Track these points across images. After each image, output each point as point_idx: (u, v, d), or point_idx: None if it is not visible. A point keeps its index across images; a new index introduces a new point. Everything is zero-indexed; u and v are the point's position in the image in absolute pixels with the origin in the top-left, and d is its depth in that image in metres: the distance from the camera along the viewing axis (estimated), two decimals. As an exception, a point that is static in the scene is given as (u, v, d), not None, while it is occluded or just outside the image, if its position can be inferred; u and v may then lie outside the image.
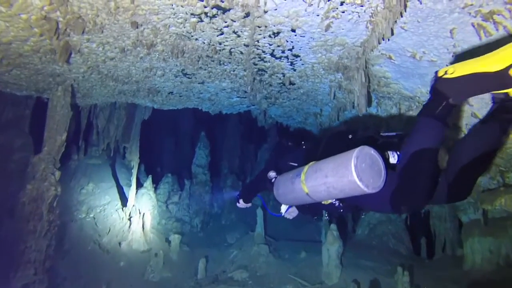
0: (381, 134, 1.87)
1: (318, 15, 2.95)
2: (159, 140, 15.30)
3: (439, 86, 1.47)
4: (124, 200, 8.07)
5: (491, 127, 1.58)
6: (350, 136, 1.87)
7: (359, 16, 2.89)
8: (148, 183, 8.76)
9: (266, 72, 4.66)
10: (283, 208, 2.23)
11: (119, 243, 6.83)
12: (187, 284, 6.24)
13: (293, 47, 3.73)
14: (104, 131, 7.12)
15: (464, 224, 6.12)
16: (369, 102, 4.43)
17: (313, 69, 4.37)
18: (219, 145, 12.27)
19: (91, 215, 7.20)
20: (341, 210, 1.94)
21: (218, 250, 8.15)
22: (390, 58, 3.56)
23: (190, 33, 3.36)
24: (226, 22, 3.14)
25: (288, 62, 4.21)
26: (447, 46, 2.85)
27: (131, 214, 7.49)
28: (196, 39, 3.55)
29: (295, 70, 4.50)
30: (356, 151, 1.52)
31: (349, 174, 1.49)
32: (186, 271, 6.92)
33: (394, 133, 1.86)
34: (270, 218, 9.37)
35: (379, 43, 3.07)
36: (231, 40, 3.59)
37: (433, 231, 7.51)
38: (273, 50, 3.88)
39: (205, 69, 4.61)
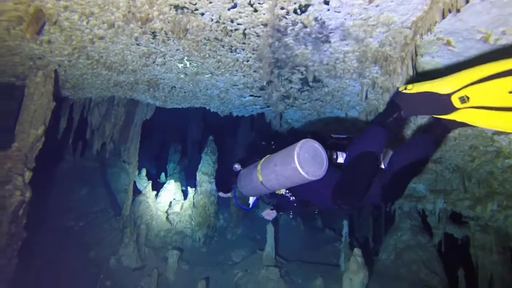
0: (332, 135, 2.18)
1: (362, -21, 2.32)
2: (163, 143, 14.89)
3: (397, 99, 1.70)
4: (119, 208, 7.52)
5: (426, 139, 1.89)
6: (309, 136, 2.00)
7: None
8: (147, 189, 8.20)
9: (287, 64, 4.04)
10: (251, 200, 2.47)
11: (108, 259, 6.22)
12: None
13: (322, 29, 3.09)
14: (99, 129, 6.60)
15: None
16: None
17: (344, 60, 3.72)
18: (229, 152, 11.68)
19: (80, 224, 6.65)
20: (295, 204, 2.23)
21: (221, 270, 7.46)
22: (448, 44, 2.88)
23: (194, 4, 2.77)
24: (240, -12, 2.54)
25: (314, 50, 3.58)
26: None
27: (124, 224, 6.90)
28: (202, 14, 2.96)
29: (321, 61, 3.86)
30: (300, 143, 1.75)
31: (292, 161, 1.70)
32: (183, 294, 6.25)
33: (344, 136, 2.18)
34: (281, 235, 8.65)
35: (443, 18, 2.39)
36: (246, 17, 2.99)
37: (475, 263, 6.62)
38: (298, 34, 3.25)
39: (213, 57, 4.02)
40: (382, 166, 2.05)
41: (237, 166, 2.38)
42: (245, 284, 6.33)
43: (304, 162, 1.70)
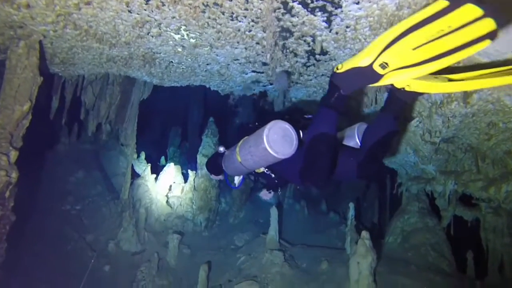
0: (304, 116, 2.38)
1: None
2: (163, 127, 14.68)
3: (333, 80, 1.87)
4: (117, 192, 7.36)
5: (386, 116, 2.07)
6: (286, 117, 2.12)
7: None
8: (146, 173, 8.03)
9: (292, 34, 3.75)
10: (236, 179, 2.65)
11: (107, 243, 6.09)
12: (184, 297, 5.47)
13: (334, -11, 2.80)
14: (94, 110, 6.35)
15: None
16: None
17: (356, 28, 3.43)
18: (230, 133, 11.47)
19: (77, 207, 6.51)
20: (276, 181, 2.41)
21: (224, 254, 7.36)
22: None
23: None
24: None
25: (323, 16, 3.29)
26: None
27: (123, 208, 6.75)
28: (199, -28, 2.66)
29: (331, 30, 3.57)
30: (269, 124, 1.90)
31: (262, 142, 1.86)
32: (184, 279, 6.15)
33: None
34: (285, 219, 8.53)
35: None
36: (248, -25, 2.69)
37: (485, 246, 6.48)
38: (305, -4, 2.96)
39: (213, 27, 3.73)
40: (358, 143, 2.33)
41: (221, 149, 2.53)
42: (249, 268, 6.22)
43: (273, 142, 1.84)
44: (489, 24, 1.35)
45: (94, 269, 5.58)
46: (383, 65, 1.62)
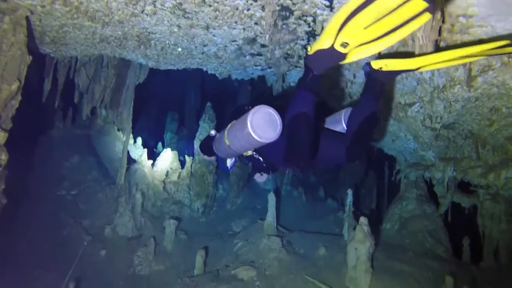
0: None
1: None
2: (160, 112, 14.53)
3: (307, 62, 1.99)
4: (113, 177, 7.29)
5: (367, 98, 2.17)
6: (275, 103, 2.17)
7: None
8: (143, 158, 7.94)
9: (292, 12, 3.62)
10: (229, 162, 2.71)
11: (104, 228, 6.06)
12: (181, 281, 5.45)
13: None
14: (88, 93, 6.21)
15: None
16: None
17: (359, 7, 3.30)
18: (228, 119, 11.32)
19: (73, 192, 6.44)
20: (264, 165, 2.44)
21: (221, 239, 7.36)
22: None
23: None
24: None
25: (325, -8, 3.16)
26: None
27: (119, 193, 6.69)
28: None
29: (332, 9, 3.45)
30: (253, 109, 1.96)
31: (246, 127, 1.92)
32: (181, 264, 6.15)
33: None
34: (283, 205, 8.52)
35: None
36: None
37: (481, 232, 6.51)
38: (307, -29, 2.83)
39: (209, 5, 3.60)
40: (344, 127, 2.37)
41: (212, 132, 2.64)
42: (246, 254, 6.23)
43: (256, 127, 1.89)
44: (420, 3, 1.47)
45: (90, 254, 5.56)
46: (344, 45, 1.72)
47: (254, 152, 2.39)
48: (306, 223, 8.46)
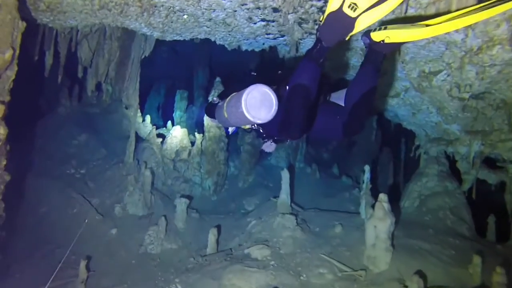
0: None
1: None
2: (168, 90, 14.29)
3: (317, 33, 1.95)
4: (122, 155, 7.15)
5: (367, 69, 2.09)
6: (279, 72, 2.40)
7: None
8: (152, 135, 7.76)
9: (309, -34, 3.23)
10: (230, 128, 2.74)
11: (113, 206, 5.96)
12: (193, 260, 5.35)
13: None
14: (91, 67, 5.96)
15: None
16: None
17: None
18: (232, 86, 11.02)
19: (82, 171, 6.33)
20: (264, 136, 2.52)
21: (233, 218, 7.23)
22: None
23: None
24: None
25: None
26: None
27: (128, 172, 6.56)
28: None
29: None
30: (248, 88, 1.89)
31: (240, 106, 1.89)
32: (193, 242, 6.06)
33: None
34: (296, 183, 8.29)
35: None
36: None
37: (510, 210, 6.18)
38: None
39: (216, -40, 3.22)
40: (341, 104, 2.28)
41: (215, 99, 2.73)
42: (259, 232, 6.08)
43: (250, 106, 1.85)
44: None
45: (101, 232, 5.50)
46: (352, 6, 1.69)
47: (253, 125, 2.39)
48: (320, 201, 8.24)
